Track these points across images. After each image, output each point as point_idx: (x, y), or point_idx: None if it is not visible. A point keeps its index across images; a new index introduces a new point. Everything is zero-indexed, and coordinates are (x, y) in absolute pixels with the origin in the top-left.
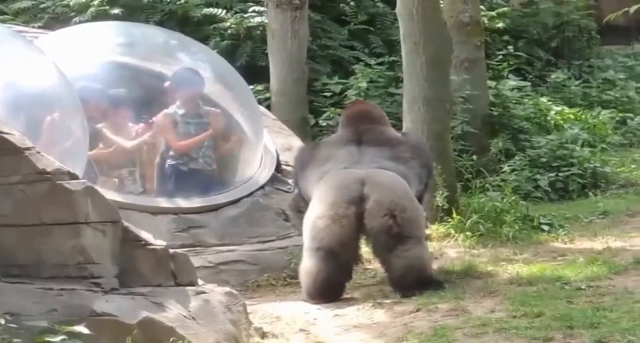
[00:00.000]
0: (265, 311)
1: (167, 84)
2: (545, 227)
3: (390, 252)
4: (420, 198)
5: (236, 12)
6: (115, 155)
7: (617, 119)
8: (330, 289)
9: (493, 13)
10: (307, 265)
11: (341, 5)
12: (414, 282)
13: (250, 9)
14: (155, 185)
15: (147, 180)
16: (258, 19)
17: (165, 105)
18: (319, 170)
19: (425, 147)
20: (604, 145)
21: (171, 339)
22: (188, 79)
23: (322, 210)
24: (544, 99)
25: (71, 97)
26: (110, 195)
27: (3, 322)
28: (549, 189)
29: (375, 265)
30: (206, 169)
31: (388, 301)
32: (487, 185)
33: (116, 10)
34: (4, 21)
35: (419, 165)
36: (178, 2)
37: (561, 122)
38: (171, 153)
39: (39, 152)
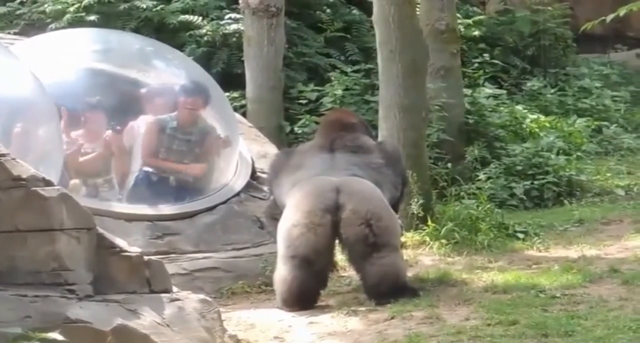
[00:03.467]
0: (239, 318)
1: (143, 90)
2: (521, 235)
3: (365, 260)
4: (394, 206)
5: (212, 19)
6: (90, 162)
7: (593, 127)
8: (305, 297)
9: (469, 21)
10: (282, 273)
11: (317, 12)
12: (389, 289)
13: (227, 16)
14: (130, 192)
15: (121, 186)
16: (234, 26)
17: (140, 112)
18: (292, 178)
19: (400, 155)
20: (579, 154)
21: None
22: (192, 91)
23: (297, 218)
24: (519, 107)
25: (47, 104)
26: (85, 201)
27: None
28: (524, 197)
29: (350, 272)
30: (179, 176)
31: (363, 309)
32: (462, 193)
33: (92, 17)
34: None
35: (393, 173)
36: (154, 9)
37: (537, 130)
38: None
39: (14, 159)
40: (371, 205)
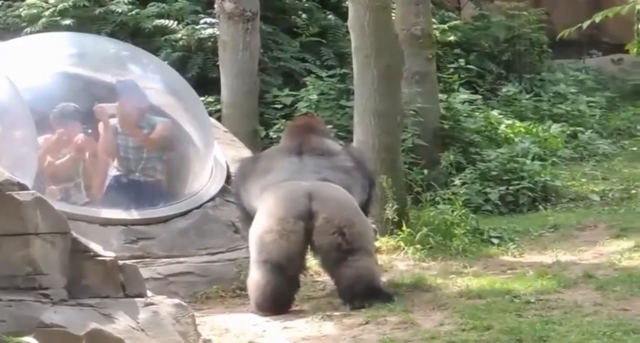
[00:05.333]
0: (214, 323)
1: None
2: (495, 241)
3: (339, 265)
4: (364, 209)
5: (187, 24)
6: (64, 166)
7: (568, 132)
8: (279, 301)
9: (445, 26)
10: (255, 278)
11: (293, 17)
12: (363, 291)
13: (202, 21)
14: (104, 196)
15: (95, 191)
16: (209, 31)
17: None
18: (261, 182)
19: (366, 158)
20: (554, 159)
21: None
22: (124, 91)
23: (269, 224)
24: (495, 112)
25: (21, 108)
26: (60, 206)
27: None
28: (499, 202)
29: (325, 277)
30: (148, 180)
31: (337, 313)
32: (437, 198)
33: (67, 21)
34: None
35: (361, 176)
36: (129, 14)
37: (512, 135)
38: (114, 164)
39: None
40: (344, 212)
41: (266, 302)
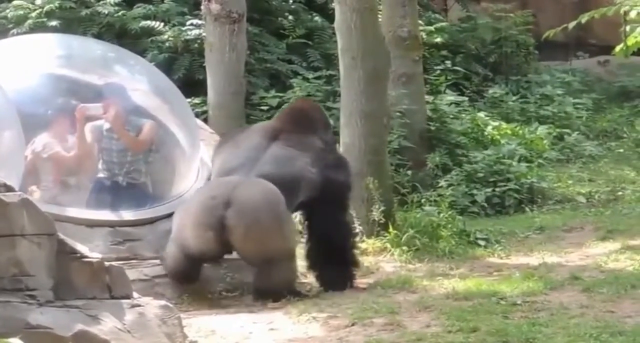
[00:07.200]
0: (200, 324)
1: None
2: (482, 242)
3: (258, 269)
4: (309, 205)
5: (174, 25)
6: (51, 166)
7: (555, 134)
8: (184, 276)
9: (431, 28)
10: (169, 250)
11: (279, 19)
12: (276, 294)
13: (188, 22)
14: (90, 197)
15: (82, 192)
16: (196, 32)
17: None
18: (219, 159)
19: (341, 164)
20: (540, 161)
21: None
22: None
23: (187, 223)
24: (481, 114)
25: (8, 109)
26: (46, 207)
27: None
28: (486, 204)
29: (310, 279)
30: (132, 183)
31: (323, 315)
32: (423, 200)
33: (54, 23)
34: None
35: (317, 175)
36: (116, 15)
37: (498, 137)
38: (99, 166)
39: None
40: (260, 222)
41: (172, 273)
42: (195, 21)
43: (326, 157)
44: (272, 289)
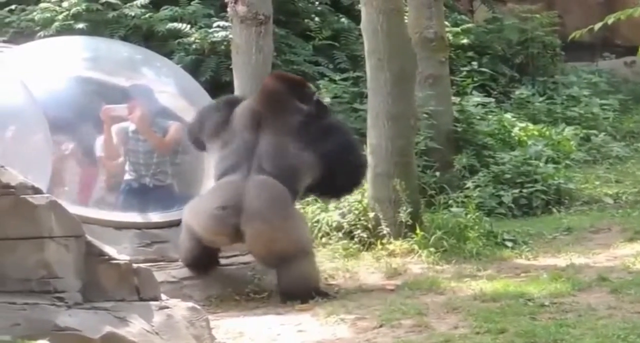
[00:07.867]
0: (228, 326)
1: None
2: (509, 243)
3: (277, 269)
4: (322, 184)
5: (200, 27)
6: (79, 168)
7: (581, 135)
8: (194, 265)
9: (457, 29)
10: (182, 238)
11: (306, 20)
12: (302, 294)
13: (215, 24)
14: (117, 199)
15: (109, 194)
16: (222, 34)
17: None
18: (219, 154)
19: (333, 127)
20: (567, 162)
21: None
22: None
23: (198, 222)
24: (508, 115)
25: (35, 112)
26: (74, 209)
27: None
28: (513, 205)
29: (338, 280)
30: (158, 185)
31: (351, 317)
32: (450, 201)
33: (81, 25)
34: None
35: (313, 156)
36: (143, 17)
37: (525, 138)
38: (126, 168)
39: (2, 166)
40: (273, 226)
41: (186, 262)
42: (221, 23)
43: (310, 130)
44: (295, 288)
